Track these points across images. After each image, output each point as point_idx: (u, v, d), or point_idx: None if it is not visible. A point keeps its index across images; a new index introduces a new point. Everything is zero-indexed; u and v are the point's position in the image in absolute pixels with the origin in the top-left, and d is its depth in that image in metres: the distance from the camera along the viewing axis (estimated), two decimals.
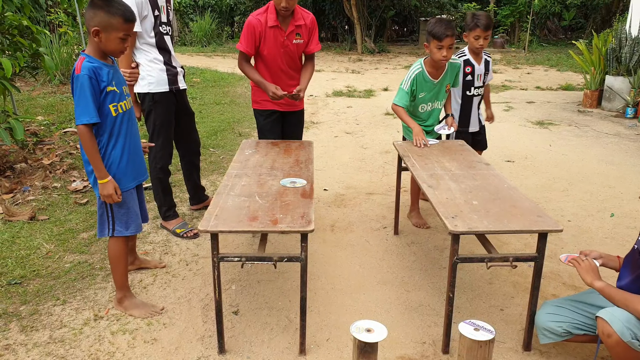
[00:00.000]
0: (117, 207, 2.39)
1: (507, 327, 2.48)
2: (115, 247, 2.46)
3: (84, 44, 7.08)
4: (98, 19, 2.19)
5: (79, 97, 2.20)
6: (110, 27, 2.20)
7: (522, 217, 2.16)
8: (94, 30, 2.19)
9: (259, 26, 3.14)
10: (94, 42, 2.24)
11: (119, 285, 2.54)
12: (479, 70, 3.57)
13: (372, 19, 14.29)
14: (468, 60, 3.53)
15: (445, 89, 3.39)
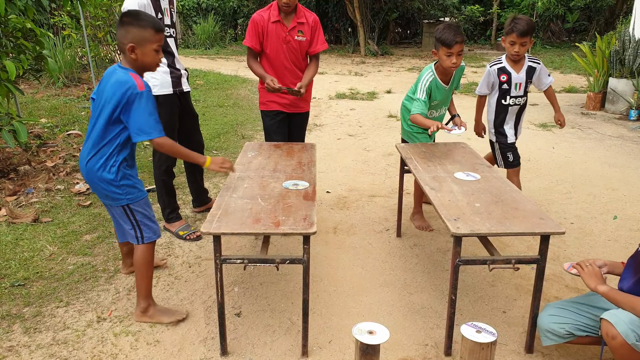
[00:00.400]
0: (141, 216, 2.40)
1: (509, 330, 2.48)
2: (145, 254, 2.44)
3: (88, 47, 7.11)
4: (131, 35, 2.22)
5: (151, 111, 2.23)
6: (143, 41, 2.24)
7: (525, 220, 2.16)
8: (130, 47, 2.23)
9: (262, 22, 3.26)
10: (131, 59, 2.26)
11: (145, 294, 2.47)
12: (518, 78, 3.37)
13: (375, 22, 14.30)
14: (503, 68, 3.38)
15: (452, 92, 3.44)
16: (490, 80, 3.45)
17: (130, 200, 2.37)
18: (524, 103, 3.50)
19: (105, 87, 2.26)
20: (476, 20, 15.83)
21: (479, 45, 16.08)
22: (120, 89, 2.19)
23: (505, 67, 3.39)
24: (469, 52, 14.40)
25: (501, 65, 3.40)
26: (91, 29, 8.01)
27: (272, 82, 3.22)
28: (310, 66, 3.47)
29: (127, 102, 2.20)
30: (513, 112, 3.50)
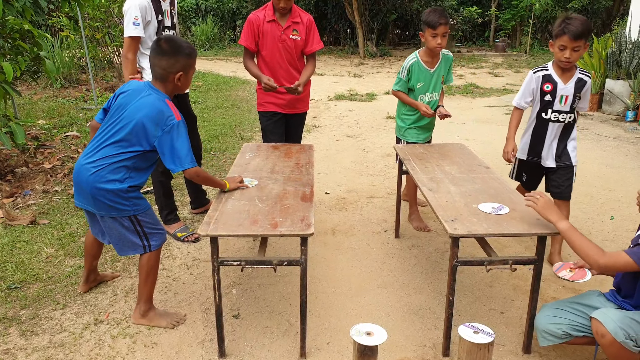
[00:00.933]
0: (148, 226, 2.38)
1: (507, 330, 2.48)
2: (152, 260, 2.42)
3: (86, 48, 7.11)
4: (180, 64, 2.30)
5: (183, 142, 2.25)
6: (188, 68, 2.35)
7: (522, 221, 2.16)
8: (179, 76, 2.31)
9: (257, 21, 3.29)
10: (175, 86, 2.34)
11: (146, 298, 2.47)
12: (564, 90, 2.87)
13: (374, 23, 14.32)
14: (548, 75, 2.91)
15: (441, 80, 3.44)
16: (530, 87, 2.97)
17: (136, 211, 2.34)
18: (571, 122, 2.97)
19: (135, 105, 2.26)
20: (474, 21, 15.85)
21: (477, 47, 16.11)
22: (158, 116, 2.23)
23: (552, 75, 2.91)
24: (467, 53, 14.42)
25: (547, 72, 2.92)
26: (89, 30, 8.00)
27: (269, 82, 3.23)
28: (308, 66, 3.49)
29: (164, 132, 2.23)
30: (554, 131, 2.97)
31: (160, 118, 2.22)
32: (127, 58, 3.16)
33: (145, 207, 2.39)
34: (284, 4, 3.22)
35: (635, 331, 1.84)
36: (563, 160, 3.02)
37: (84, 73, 8.59)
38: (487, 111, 7.32)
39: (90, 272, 2.76)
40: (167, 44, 2.30)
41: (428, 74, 3.38)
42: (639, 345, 1.85)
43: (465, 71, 11.01)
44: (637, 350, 1.86)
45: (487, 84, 9.54)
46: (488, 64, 12.16)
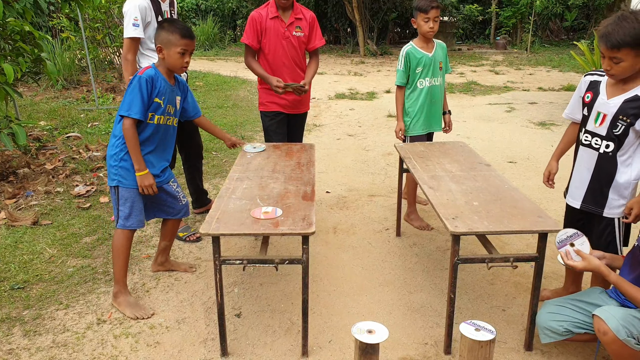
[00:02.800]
0: (123, 202, 2.53)
1: (508, 327, 2.48)
2: (117, 239, 2.58)
3: (87, 49, 7.12)
4: (160, 37, 2.51)
5: (130, 93, 2.43)
6: (169, 43, 2.50)
7: (523, 218, 2.16)
8: (158, 47, 2.52)
9: (260, 19, 3.29)
10: (160, 59, 2.55)
11: (117, 279, 2.61)
12: (605, 106, 2.20)
13: (374, 22, 14.30)
14: (596, 82, 2.30)
15: (439, 66, 3.43)
16: (577, 94, 2.41)
17: (119, 183, 2.51)
18: (609, 155, 2.21)
19: None
20: (475, 19, 15.82)
21: (478, 44, 16.08)
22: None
23: (600, 82, 2.27)
24: (468, 50, 14.40)
25: (598, 78, 2.30)
26: (90, 31, 8.01)
27: (279, 83, 3.22)
28: (312, 63, 3.51)
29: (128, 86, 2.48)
30: (585, 159, 2.32)
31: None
32: (127, 59, 3.17)
33: (129, 184, 2.51)
34: None
35: (637, 329, 1.84)
36: (593, 205, 2.30)
37: (85, 74, 8.61)
38: (488, 109, 7.32)
39: (161, 252, 2.94)
40: (164, 21, 2.66)
41: (427, 58, 3.38)
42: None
43: (466, 69, 11.00)
44: (639, 347, 1.86)
45: (488, 81, 9.52)
46: (489, 62, 12.14)
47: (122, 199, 2.53)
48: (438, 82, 3.45)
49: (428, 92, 3.42)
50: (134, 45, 3.17)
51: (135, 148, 2.48)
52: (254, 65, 3.36)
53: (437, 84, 3.45)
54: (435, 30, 3.29)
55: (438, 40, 3.50)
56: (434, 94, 3.45)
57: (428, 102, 3.44)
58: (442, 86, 3.50)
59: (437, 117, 3.56)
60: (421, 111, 3.45)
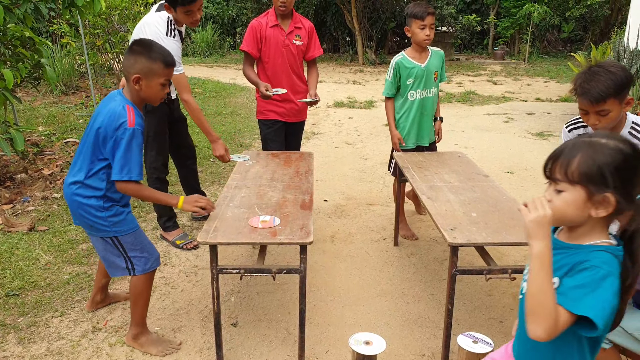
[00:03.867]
0: (131, 248, 2.25)
1: (506, 340, 2.46)
2: (138, 285, 2.30)
3: (86, 55, 7.13)
4: (139, 65, 2.11)
5: (132, 152, 2.09)
6: (151, 73, 2.13)
7: (521, 229, 2.16)
8: (135, 78, 2.11)
9: (260, 27, 3.30)
10: (134, 89, 2.15)
11: (137, 322, 2.34)
12: None
13: (373, 31, 14.37)
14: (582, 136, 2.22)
15: (433, 76, 3.30)
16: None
17: (117, 233, 2.21)
18: None
19: (100, 111, 2.15)
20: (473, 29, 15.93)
21: (476, 55, 16.18)
22: (112, 121, 2.08)
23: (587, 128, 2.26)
24: (466, 60, 14.48)
25: (582, 131, 2.28)
26: (90, 37, 8.02)
27: (265, 89, 3.24)
28: (312, 72, 3.54)
29: (115, 138, 2.08)
30: None
31: (113, 123, 2.07)
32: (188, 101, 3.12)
33: (130, 229, 2.24)
34: (283, 0, 3.21)
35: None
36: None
37: (84, 80, 8.61)
38: (486, 119, 7.34)
39: (99, 290, 2.64)
40: (136, 44, 2.16)
41: (419, 69, 3.26)
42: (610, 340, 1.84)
43: (464, 79, 11.05)
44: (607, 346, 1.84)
45: (486, 91, 9.57)
46: (487, 72, 12.21)
47: (129, 245, 2.24)
48: (431, 93, 3.33)
49: (419, 105, 3.33)
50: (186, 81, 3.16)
51: (159, 196, 2.28)
52: (248, 72, 3.38)
53: (429, 96, 3.33)
54: (431, 38, 3.17)
55: (435, 48, 3.38)
56: (425, 106, 3.34)
57: (419, 114, 3.35)
58: (435, 97, 3.39)
59: (428, 129, 3.44)
60: (412, 125, 3.37)
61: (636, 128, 2.14)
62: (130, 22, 7.91)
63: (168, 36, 3.00)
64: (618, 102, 2.03)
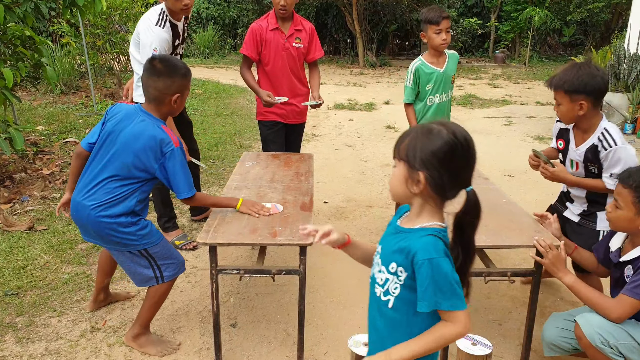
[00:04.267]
0: (160, 258, 2.25)
1: (505, 342, 2.47)
2: (163, 289, 2.30)
3: (87, 55, 7.13)
4: (177, 85, 2.17)
5: (185, 171, 2.17)
6: (184, 89, 2.23)
7: (520, 232, 2.16)
8: (177, 98, 2.18)
9: (260, 30, 3.28)
10: (170, 107, 2.21)
11: (143, 323, 2.33)
12: (573, 154, 2.39)
13: (374, 33, 14.40)
14: (563, 130, 2.48)
15: (451, 80, 3.28)
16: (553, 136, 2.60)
17: (146, 245, 2.21)
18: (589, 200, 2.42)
19: (129, 133, 2.14)
20: (474, 32, 15.95)
21: (477, 58, 16.20)
22: (158, 145, 2.12)
23: (568, 130, 2.43)
24: (467, 64, 14.50)
25: (564, 126, 2.47)
26: (90, 37, 8.03)
27: (269, 99, 3.23)
28: (314, 74, 3.53)
29: (163, 160, 2.13)
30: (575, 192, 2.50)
31: (159, 147, 2.12)
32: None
33: (157, 239, 2.25)
34: (284, 2, 3.18)
35: (617, 339, 1.84)
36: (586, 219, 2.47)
37: (84, 79, 8.61)
38: (486, 122, 7.35)
39: (101, 290, 2.63)
40: (162, 64, 2.18)
41: (438, 74, 3.20)
42: (620, 353, 1.85)
43: (464, 82, 11.06)
44: (617, 358, 1.85)
45: (487, 95, 9.58)
46: (487, 75, 12.22)
47: (158, 255, 2.24)
48: (447, 97, 3.29)
49: (436, 109, 3.27)
50: None
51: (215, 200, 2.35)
52: (247, 77, 3.37)
53: (445, 100, 3.29)
54: (448, 42, 3.11)
55: (451, 51, 3.31)
56: (441, 110, 3.29)
57: (435, 118, 3.30)
58: (449, 100, 3.35)
59: None
60: None
61: (605, 134, 2.24)
62: (131, 22, 7.92)
63: (157, 25, 3.03)
64: (568, 99, 2.20)
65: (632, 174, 1.90)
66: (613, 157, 2.22)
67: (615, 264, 2.04)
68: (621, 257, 2.01)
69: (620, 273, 2.01)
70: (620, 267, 2.01)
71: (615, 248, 2.07)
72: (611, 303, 1.88)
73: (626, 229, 1.97)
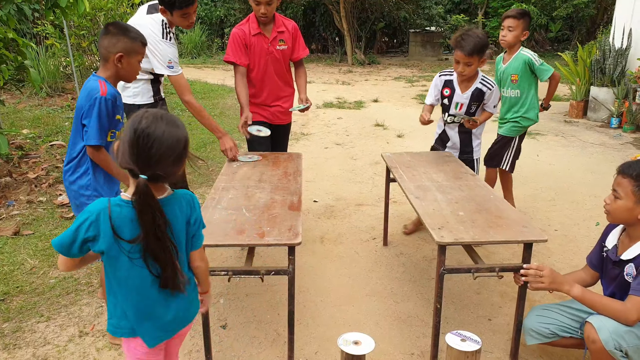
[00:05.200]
0: None
1: (494, 337, 2.48)
2: None
3: (72, 57, 7.05)
4: (121, 44, 2.25)
5: (98, 119, 2.20)
6: (132, 52, 2.28)
7: (508, 228, 2.17)
8: (119, 56, 2.24)
9: (243, 35, 3.21)
10: (115, 67, 2.27)
11: None
12: (461, 98, 3.19)
13: (362, 31, 14.40)
14: (450, 81, 3.23)
15: (511, 78, 3.58)
16: (436, 88, 3.30)
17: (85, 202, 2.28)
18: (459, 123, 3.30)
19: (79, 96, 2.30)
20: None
21: None
22: (87, 95, 2.22)
23: (453, 81, 3.21)
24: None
25: (450, 77, 3.24)
26: (75, 39, 7.94)
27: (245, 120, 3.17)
28: (300, 74, 3.48)
29: (89, 107, 2.21)
30: (450, 133, 3.36)
31: (88, 93, 2.22)
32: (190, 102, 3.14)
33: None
34: (264, 10, 3.09)
35: (627, 342, 1.85)
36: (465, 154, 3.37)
37: (70, 81, 8.52)
38: None
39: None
40: (113, 26, 2.29)
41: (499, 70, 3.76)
42: (628, 356, 1.87)
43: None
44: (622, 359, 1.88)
45: None
46: None
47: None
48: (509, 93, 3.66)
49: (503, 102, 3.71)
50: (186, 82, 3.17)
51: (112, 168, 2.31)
52: (239, 90, 3.23)
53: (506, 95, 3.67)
54: (507, 39, 3.51)
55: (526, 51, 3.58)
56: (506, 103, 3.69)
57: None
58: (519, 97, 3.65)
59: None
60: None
61: (484, 78, 3.18)
62: None
63: (164, 39, 2.99)
64: (478, 59, 3.01)
65: (632, 164, 1.95)
66: (494, 94, 3.20)
67: (615, 262, 2.05)
68: (621, 255, 2.01)
69: (619, 271, 2.01)
70: (620, 265, 2.02)
71: (612, 245, 2.08)
72: (626, 306, 1.88)
73: (625, 219, 2.00)
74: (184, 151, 1.49)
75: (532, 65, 3.52)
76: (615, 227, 2.13)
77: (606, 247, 2.12)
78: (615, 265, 2.04)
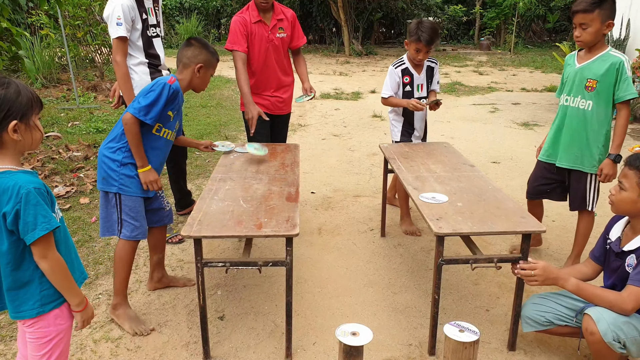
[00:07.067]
0: (126, 211, 2.41)
1: (492, 328, 2.49)
2: (122, 250, 2.45)
3: (67, 47, 6.99)
4: (203, 57, 2.51)
5: (152, 97, 2.33)
6: (210, 66, 2.55)
7: (506, 219, 2.17)
8: (199, 66, 2.49)
9: (245, 22, 3.20)
10: (192, 75, 2.50)
11: (117, 290, 2.47)
12: (419, 79, 3.40)
13: (359, 22, 14.32)
14: (407, 69, 3.37)
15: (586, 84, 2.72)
16: (395, 80, 3.37)
17: (122, 191, 2.39)
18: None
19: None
20: (459, 20, 15.95)
21: (462, 45, 16.22)
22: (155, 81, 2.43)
23: (409, 68, 3.37)
24: (452, 51, 14.51)
25: (404, 66, 3.38)
26: (70, 29, 7.87)
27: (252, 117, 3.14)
28: (300, 62, 3.49)
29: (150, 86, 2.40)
30: (417, 115, 3.45)
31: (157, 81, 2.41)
32: (117, 61, 3.05)
33: (133, 192, 2.41)
34: None
35: (625, 333, 1.86)
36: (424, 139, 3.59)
37: (65, 72, 8.45)
38: (472, 109, 7.37)
39: (155, 268, 2.74)
40: (196, 40, 2.56)
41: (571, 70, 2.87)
42: (626, 347, 1.87)
43: (450, 69, 11.07)
44: (621, 351, 1.88)
45: (472, 82, 9.60)
46: (473, 62, 12.24)
47: (126, 208, 2.40)
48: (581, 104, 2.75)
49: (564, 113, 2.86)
50: (123, 46, 3.05)
51: (140, 144, 2.38)
52: (241, 80, 3.18)
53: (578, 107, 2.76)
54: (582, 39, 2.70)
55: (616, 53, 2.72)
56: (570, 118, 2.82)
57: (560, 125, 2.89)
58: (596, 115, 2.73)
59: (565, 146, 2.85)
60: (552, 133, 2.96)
61: (431, 60, 3.42)
62: None
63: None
64: (435, 46, 3.27)
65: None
66: (437, 67, 3.48)
67: (617, 253, 2.05)
68: (623, 247, 2.02)
69: (620, 262, 2.02)
70: (622, 257, 2.03)
71: (615, 237, 2.09)
72: (623, 296, 1.89)
73: (629, 211, 2.02)
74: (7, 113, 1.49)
75: (620, 72, 2.64)
76: (620, 220, 2.13)
77: (609, 239, 2.12)
78: (617, 257, 2.05)
